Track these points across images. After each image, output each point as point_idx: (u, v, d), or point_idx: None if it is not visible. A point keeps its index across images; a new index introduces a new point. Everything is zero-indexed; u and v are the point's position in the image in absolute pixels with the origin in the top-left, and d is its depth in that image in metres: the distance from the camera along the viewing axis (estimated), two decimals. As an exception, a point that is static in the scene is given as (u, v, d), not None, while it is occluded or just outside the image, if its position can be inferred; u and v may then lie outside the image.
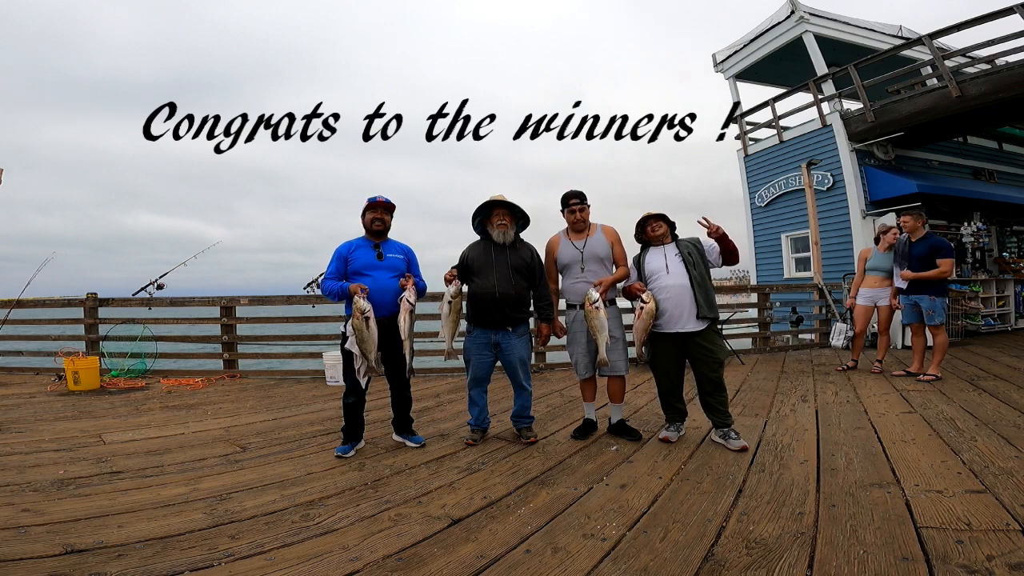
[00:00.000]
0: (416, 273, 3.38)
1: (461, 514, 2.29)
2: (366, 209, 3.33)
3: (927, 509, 2.17)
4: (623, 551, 1.93)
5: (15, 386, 5.59)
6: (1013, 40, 7.07)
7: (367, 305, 3.01)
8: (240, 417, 4.21)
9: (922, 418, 3.63)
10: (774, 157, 10.34)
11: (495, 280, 3.28)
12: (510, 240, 3.36)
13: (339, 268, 3.26)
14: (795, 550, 1.88)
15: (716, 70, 11.50)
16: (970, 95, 7.32)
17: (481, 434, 3.45)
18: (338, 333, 3.37)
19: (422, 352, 5.46)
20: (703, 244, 3.35)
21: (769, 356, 7.10)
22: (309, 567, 1.84)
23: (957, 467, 2.65)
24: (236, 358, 6.41)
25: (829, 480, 2.56)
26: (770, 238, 10.58)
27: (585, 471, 2.82)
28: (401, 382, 3.35)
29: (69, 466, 2.96)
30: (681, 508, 2.29)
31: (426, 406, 4.47)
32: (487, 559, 1.89)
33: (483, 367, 3.38)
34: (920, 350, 5.27)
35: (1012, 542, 1.87)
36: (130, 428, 3.85)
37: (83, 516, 2.27)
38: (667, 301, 3.21)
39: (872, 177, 8.83)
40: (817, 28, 9.58)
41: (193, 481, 2.73)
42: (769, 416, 3.87)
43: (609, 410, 3.52)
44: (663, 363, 3.34)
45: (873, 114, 8.45)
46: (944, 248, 4.97)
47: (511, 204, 3.35)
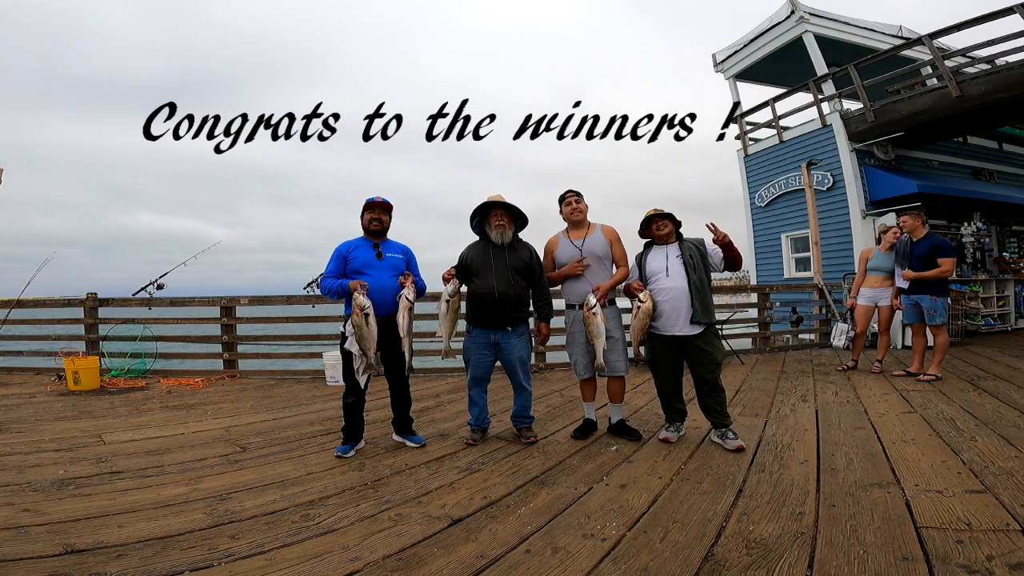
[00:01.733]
0: (415, 273, 3.39)
1: (461, 514, 2.29)
2: (364, 210, 3.35)
3: (927, 509, 2.17)
4: (623, 551, 1.93)
5: (15, 386, 5.59)
6: (1013, 40, 7.08)
7: (367, 302, 3.01)
8: (240, 417, 4.21)
9: (922, 418, 3.62)
10: (774, 157, 10.34)
11: (494, 280, 3.28)
12: (508, 241, 3.36)
13: (338, 267, 3.27)
14: (795, 550, 1.88)
15: (716, 70, 11.50)
16: (970, 95, 7.32)
17: (481, 434, 3.45)
18: (338, 333, 3.37)
19: (422, 352, 5.46)
20: (707, 247, 3.32)
21: (769, 356, 7.10)
22: (309, 567, 1.84)
23: (957, 467, 2.65)
24: (236, 358, 6.41)
25: (829, 480, 2.55)
26: (770, 238, 10.58)
27: (585, 471, 2.82)
28: (400, 381, 3.36)
29: (69, 466, 2.96)
30: (681, 508, 2.29)
31: (426, 406, 4.47)
32: (487, 559, 1.89)
33: (483, 367, 3.38)
34: (920, 350, 5.27)
35: (1012, 542, 1.87)
36: (130, 428, 3.85)
37: (83, 516, 2.27)
38: (665, 304, 3.21)
39: (872, 177, 8.83)
40: (817, 28, 9.58)
41: (193, 481, 2.73)
42: (769, 416, 3.87)
43: (609, 410, 3.52)
44: (661, 364, 3.34)
45: (873, 114, 8.45)
46: (945, 248, 4.97)
47: (509, 205, 3.35)
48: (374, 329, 3.04)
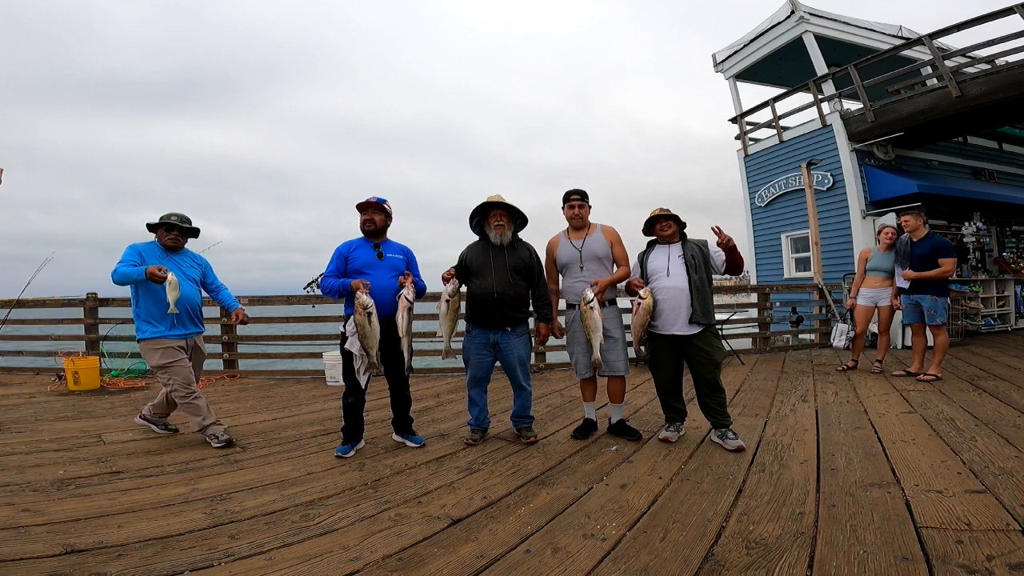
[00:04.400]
0: (416, 273, 3.39)
1: (461, 514, 2.29)
2: (358, 211, 3.35)
3: (927, 509, 2.17)
4: (623, 551, 1.93)
5: (15, 386, 5.59)
6: (1013, 40, 7.07)
7: (369, 300, 3.01)
8: (240, 417, 4.21)
9: (922, 418, 3.63)
10: (774, 157, 10.34)
11: (494, 281, 3.28)
12: (507, 241, 3.36)
13: (339, 267, 3.27)
14: (795, 550, 1.88)
15: (716, 70, 11.49)
16: (970, 95, 7.32)
17: (481, 434, 3.45)
18: (338, 333, 3.38)
19: (422, 352, 5.46)
20: (709, 248, 3.31)
21: (769, 356, 7.10)
22: (309, 567, 1.84)
23: (957, 467, 2.65)
24: (236, 358, 6.40)
25: (829, 480, 2.56)
26: (770, 238, 10.57)
27: (585, 471, 2.82)
28: (400, 381, 3.36)
29: (69, 466, 2.96)
30: (681, 508, 2.29)
31: (426, 406, 4.47)
32: (487, 559, 1.89)
33: (482, 367, 3.38)
34: (920, 350, 5.27)
35: (1012, 542, 1.87)
36: (130, 428, 3.84)
37: (83, 516, 2.27)
38: (664, 303, 3.21)
39: (872, 177, 8.83)
40: (817, 28, 9.58)
41: (193, 481, 2.73)
42: (769, 416, 3.87)
43: (609, 410, 3.52)
44: (661, 364, 3.34)
45: (873, 114, 8.45)
46: (946, 248, 4.97)
47: (508, 205, 3.35)
48: (376, 328, 3.05)
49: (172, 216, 3.50)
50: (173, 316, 3.34)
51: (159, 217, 3.51)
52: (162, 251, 3.48)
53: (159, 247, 3.48)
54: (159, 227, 3.48)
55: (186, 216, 3.56)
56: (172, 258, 3.49)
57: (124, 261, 3.31)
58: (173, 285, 3.20)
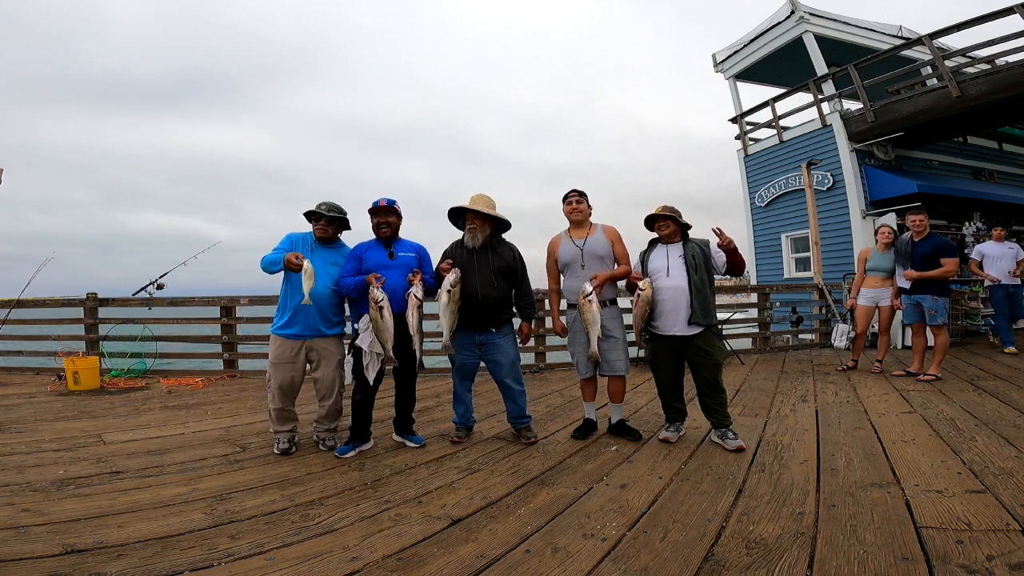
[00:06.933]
0: (428, 271, 3.36)
1: (461, 514, 2.29)
2: (370, 215, 3.32)
3: (927, 509, 2.17)
4: (623, 551, 1.93)
5: (15, 386, 5.58)
6: (1013, 40, 7.07)
7: (382, 295, 3.01)
8: (240, 417, 4.21)
9: (922, 418, 3.62)
10: (774, 157, 10.34)
11: (477, 283, 3.27)
12: (478, 244, 3.33)
13: (355, 267, 3.27)
14: (795, 550, 1.88)
15: (716, 70, 11.49)
16: (970, 95, 7.32)
17: (466, 432, 3.47)
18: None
19: (423, 352, 5.44)
20: (711, 249, 3.29)
21: (769, 356, 7.10)
22: (309, 567, 1.84)
23: (957, 467, 2.65)
24: (236, 358, 6.41)
25: (829, 480, 2.56)
26: (770, 238, 10.58)
27: (585, 471, 2.82)
28: (409, 379, 3.37)
29: (69, 466, 2.96)
30: (681, 508, 2.29)
31: (426, 406, 4.47)
32: (487, 559, 1.89)
33: (468, 367, 3.41)
34: (920, 350, 5.27)
35: (1012, 542, 1.87)
36: (130, 428, 3.84)
37: (83, 516, 2.27)
38: (664, 303, 3.21)
39: (872, 177, 8.83)
40: (817, 28, 9.58)
41: (193, 481, 2.73)
42: (769, 416, 3.87)
43: (609, 410, 3.52)
44: (662, 364, 3.34)
45: (873, 114, 8.45)
46: (949, 248, 4.97)
47: (480, 212, 3.30)
48: (390, 322, 3.04)
49: (321, 205, 3.30)
50: (297, 310, 3.20)
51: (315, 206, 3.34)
52: (313, 242, 3.33)
53: (312, 238, 3.34)
54: (309, 217, 3.34)
55: (335, 204, 3.35)
56: (320, 250, 3.31)
57: (276, 249, 3.22)
58: (308, 274, 3.02)
